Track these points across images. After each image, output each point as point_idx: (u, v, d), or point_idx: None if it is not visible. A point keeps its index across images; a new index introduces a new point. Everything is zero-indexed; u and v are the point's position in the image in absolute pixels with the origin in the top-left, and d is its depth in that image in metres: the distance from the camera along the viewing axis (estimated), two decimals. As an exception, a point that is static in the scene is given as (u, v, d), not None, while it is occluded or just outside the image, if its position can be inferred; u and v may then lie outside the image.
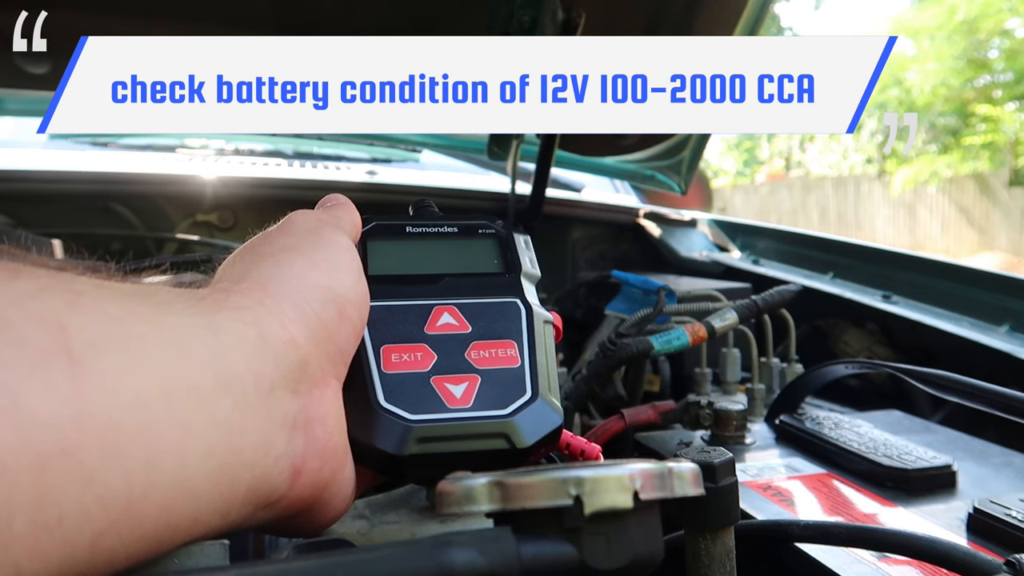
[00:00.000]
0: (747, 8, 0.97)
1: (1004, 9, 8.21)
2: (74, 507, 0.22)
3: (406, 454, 0.33)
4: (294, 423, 0.30)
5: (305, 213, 0.37)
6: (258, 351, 0.28)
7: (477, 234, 0.42)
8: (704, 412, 0.67)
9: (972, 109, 8.74)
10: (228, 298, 0.29)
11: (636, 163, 1.27)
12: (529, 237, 0.44)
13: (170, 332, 0.26)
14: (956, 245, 8.60)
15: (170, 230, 1.27)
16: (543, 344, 0.38)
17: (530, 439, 0.34)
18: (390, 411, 0.33)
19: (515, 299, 0.39)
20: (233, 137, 1.57)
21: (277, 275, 0.31)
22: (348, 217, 0.39)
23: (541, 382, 0.36)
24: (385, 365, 0.35)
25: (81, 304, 0.24)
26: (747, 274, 1.16)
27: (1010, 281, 0.89)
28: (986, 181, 8.56)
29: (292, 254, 0.33)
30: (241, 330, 0.28)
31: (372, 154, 1.68)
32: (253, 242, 0.35)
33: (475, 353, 0.36)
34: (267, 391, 0.28)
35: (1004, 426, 0.57)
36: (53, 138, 1.53)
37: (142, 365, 0.24)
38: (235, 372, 0.27)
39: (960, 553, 0.35)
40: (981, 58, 8.79)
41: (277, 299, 0.30)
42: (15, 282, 0.24)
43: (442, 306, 0.38)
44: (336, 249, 0.34)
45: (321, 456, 0.31)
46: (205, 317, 0.28)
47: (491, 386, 0.35)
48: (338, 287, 0.33)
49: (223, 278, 0.32)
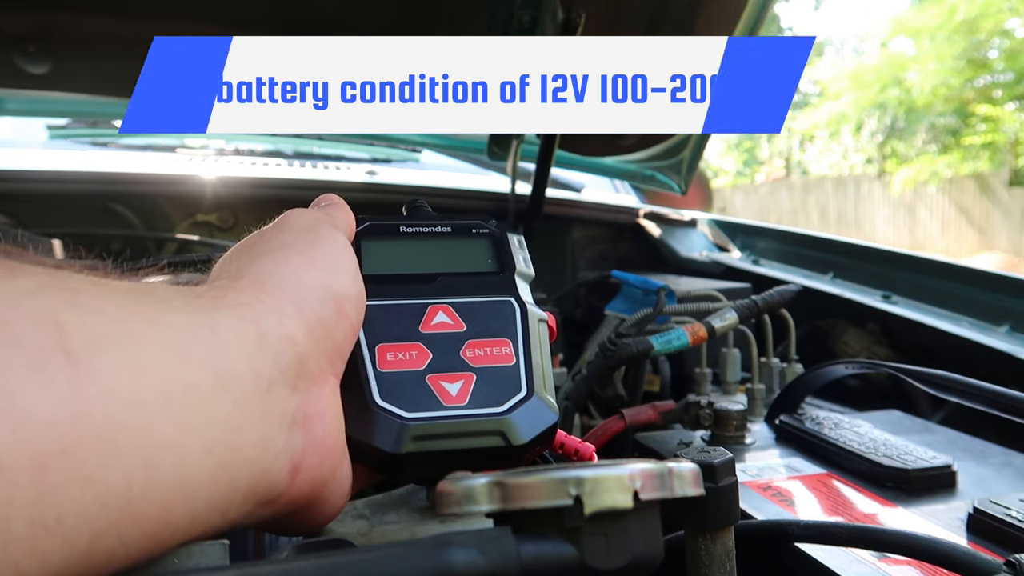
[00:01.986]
0: (747, 8, 0.97)
1: (1004, 9, 8.21)
2: (73, 507, 0.22)
3: (402, 452, 0.33)
4: (293, 420, 0.30)
5: (301, 212, 0.37)
6: (256, 348, 0.28)
7: (471, 234, 0.43)
8: (704, 412, 0.67)
9: (972, 109, 8.75)
10: (226, 295, 0.29)
11: (636, 163, 1.27)
12: (523, 236, 0.44)
13: (168, 330, 0.26)
14: (956, 245, 8.60)
15: (170, 230, 1.27)
16: (538, 342, 0.38)
17: (526, 436, 0.34)
18: (386, 409, 0.33)
19: (509, 298, 0.39)
20: (233, 137, 1.57)
21: (275, 272, 0.31)
22: (343, 216, 0.39)
23: (536, 380, 0.36)
24: (380, 364, 0.35)
25: (79, 302, 0.24)
26: (747, 274, 1.16)
27: (1010, 281, 0.89)
28: (986, 181, 8.56)
29: (289, 252, 0.33)
30: (239, 327, 0.28)
31: (372, 154, 1.68)
32: (250, 240, 0.35)
33: (470, 351, 0.36)
34: (266, 388, 0.28)
35: (1004, 426, 0.57)
36: (53, 138, 1.53)
37: (140, 363, 0.24)
38: (234, 370, 0.27)
39: (960, 553, 0.35)
40: (981, 58, 8.80)
41: (275, 296, 0.30)
42: (12, 280, 0.24)
43: (437, 305, 0.38)
44: (334, 247, 0.34)
45: (320, 453, 0.31)
46: (203, 314, 0.28)
47: (486, 384, 0.35)
48: (336, 285, 0.33)
49: (220, 275, 0.32)
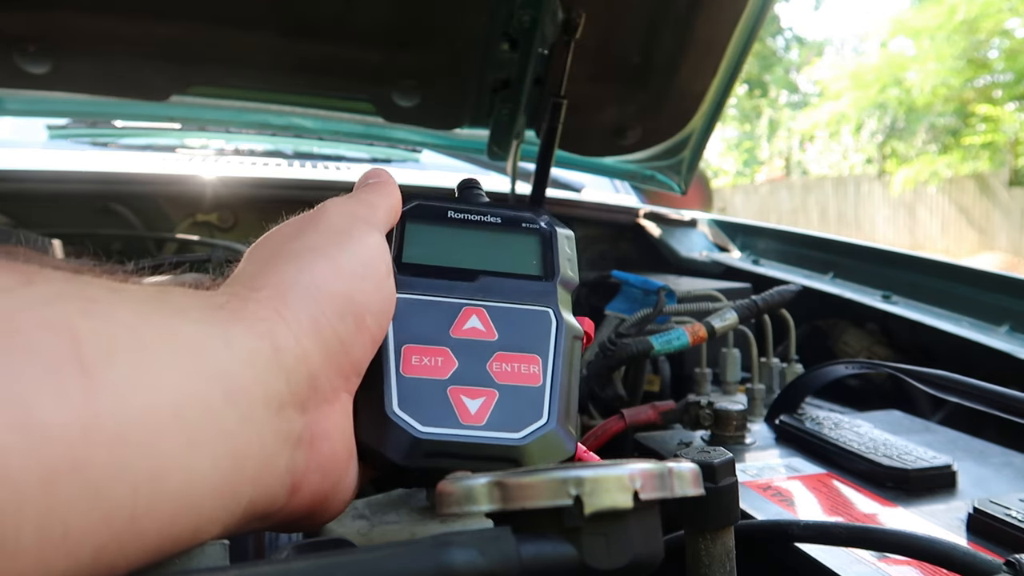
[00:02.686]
0: (747, 8, 0.97)
1: (1004, 9, 8.21)
2: (79, 520, 0.22)
3: (412, 467, 0.32)
4: (299, 440, 0.29)
5: (340, 206, 0.36)
6: (270, 366, 0.28)
7: (520, 228, 0.41)
8: (704, 412, 0.67)
9: (972, 109, 8.75)
10: (245, 307, 0.29)
11: (636, 163, 1.26)
12: (572, 233, 0.42)
13: (183, 342, 0.26)
14: (956, 245, 8.60)
15: (170, 230, 1.27)
16: (569, 362, 0.36)
17: None
18: (401, 419, 0.33)
19: (548, 309, 0.38)
20: (233, 137, 1.57)
21: (297, 282, 0.31)
22: (385, 203, 0.38)
23: (560, 406, 0.35)
24: (404, 367, 0.34)
25: (94, 311, 0.24)
26: (747, 274, 1.16)
27: (1010, 281, 0.89)
28: (986, 181, 8.56)
29: (316, 257, 0.32)
30: (255, 344, 0.28)
31: (372, 154, 1.68)
32: (283, 232, 0.34)
33: (497, 365, 0.35)
34: (276, 409, 0.28)
35: (1004, 426, 0.57)
36: (53, 138, 1.53)
37: (153, 376, 0.24)
38: (245, 387, 0.27)
39: (960, 553, 0.35)
40: (981, 58, 8.80)
41: (295, 310, 0.30)
42: (29, 287, 0.23)
43: (471, 307, 0.37)
44: (363, 251, 0.33)
45: (322, 471, 0.31)
46: (219, 327, 0.27)
47: (508, 404, 0.34)
48: (359, 296, 0.32)
49: (244, 274, 0.32)
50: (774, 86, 13.78)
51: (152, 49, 1.00)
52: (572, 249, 0.42)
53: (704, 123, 1.13)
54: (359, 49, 1.04)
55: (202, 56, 1.03)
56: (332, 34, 1.01)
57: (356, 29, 1.01)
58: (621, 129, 1.17)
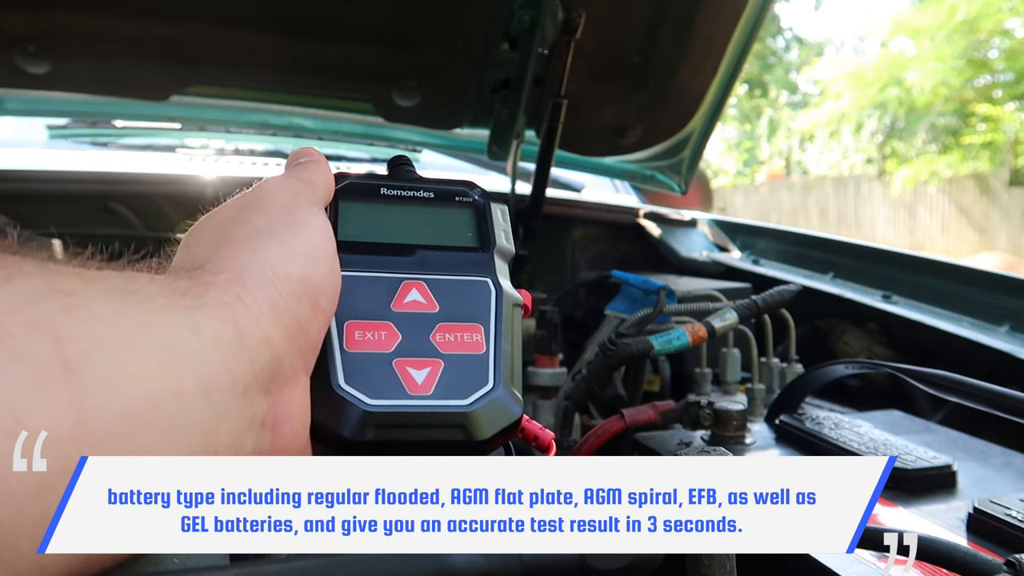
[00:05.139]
0: (747, 8, 0.97)
1: (1004, 9, 8.20)
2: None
3: (363, 440, 0.33)
4: (263, 422, 0.30)
5: (281, 186, 0.36)
6: (234, 350, 0.28)
7: (454, 201, 0.41)
8: (704, 412, 0.67)
9: (972, 109, 8.75)
10: (207, 292, 0.29)
11: (636, 163, 1.26)
12: (506, 207, 0.43)
13: (157, 333, 0.26)
14: (956, 245, 8.60)
15: (170, 230, 1.27)
16: (510, 329, 0.37)
17: (488, 432, 0.34)
18: (349, 394, 0.33)
19: (486, 278, 0.38)
20: (233, 137, 1.57)
21: (253, 264, 0.31)
22: (321, 180, 0.38)
23: (504, 371, 0.35)
24: (348, 343, 0.34)
25: (73, 306, 0.24)
26: (747, 274, 1.16)
27: (1010, 281, 0.89)
28: (986, 181, 8.56)
29: (268, 240, 0.32)
30: (219, 328, 0.28)
31: (372, 154, 1.67)
32: (226, 214, 0.34)
33: (440, 336, 0.36)
34: (241, 392, 0.28)
35: (1004, 426, 0.57)
36: (53, 138, 1.53)
37: (132, 371, 0.25)
38: (214, 374, 0.27)
39: (960, 553, 0.35)
40: (981, 58, 8.79)
41: (254, 293, 0.30)
42: (8, 284, 0.24)
43: (411, 281, 0.37)
44: (312, 232, 0.34)
45: (286, 452, 0.31)
46: (186, 315, 0.28)
47: (454, 372, 0.35)
48: (313, 278, 0.32)
49: (197, 258, 0.32)
50: (774, 86, 13.78)
51: (152, 49, 1.00)
52: (506, 220, 0.42)
53: (704, 123, 1.13)
54: (359, 49, 1.04)
55: (202, 56, 1.03)
56: (332, 34, 1.01)
57: (356, 29, 1.01)
58: (621, 129, 1.17)
